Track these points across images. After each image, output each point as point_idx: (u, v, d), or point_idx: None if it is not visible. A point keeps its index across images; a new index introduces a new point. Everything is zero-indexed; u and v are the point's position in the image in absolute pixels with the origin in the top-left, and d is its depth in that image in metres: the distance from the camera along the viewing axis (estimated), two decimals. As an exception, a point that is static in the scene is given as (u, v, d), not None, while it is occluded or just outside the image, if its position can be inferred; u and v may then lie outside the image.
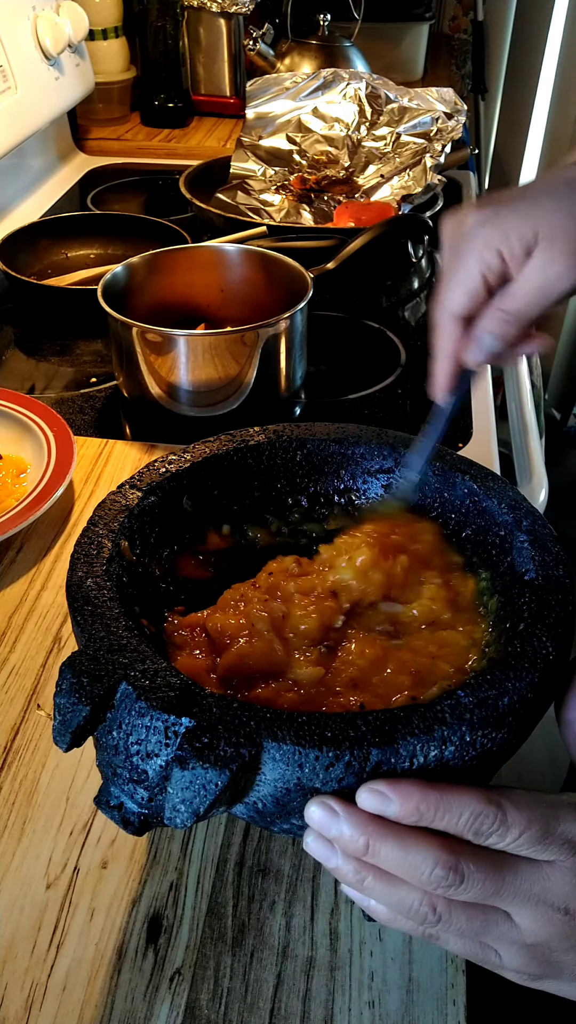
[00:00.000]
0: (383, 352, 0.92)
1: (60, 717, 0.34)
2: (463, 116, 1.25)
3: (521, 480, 0.83)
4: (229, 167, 1.24)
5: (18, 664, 0.57)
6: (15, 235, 1.05)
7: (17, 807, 0.49)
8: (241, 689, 0.43)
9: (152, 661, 0.37)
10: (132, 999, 0.41)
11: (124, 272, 0.81)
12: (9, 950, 0.43)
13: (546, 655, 0.38)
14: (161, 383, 0.75)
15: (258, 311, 0.80)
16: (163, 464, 0.50)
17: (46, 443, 0.71)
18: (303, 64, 1.53)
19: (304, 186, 1.24)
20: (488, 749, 0.35)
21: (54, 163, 1.38)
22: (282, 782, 0.34)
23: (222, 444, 0.52)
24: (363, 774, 0.33)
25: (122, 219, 1.13)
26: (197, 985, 0.41)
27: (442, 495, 0.52)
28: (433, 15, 1.82)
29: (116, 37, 1.47)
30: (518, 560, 0.45)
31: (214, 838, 0.47)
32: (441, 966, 0.42)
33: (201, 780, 0.31)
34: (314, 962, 0.42)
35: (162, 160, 1.46)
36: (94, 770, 0.50)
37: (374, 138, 1.30)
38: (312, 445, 0.54)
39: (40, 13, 1.17)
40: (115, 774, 0.34)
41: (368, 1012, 0.40)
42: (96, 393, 0.86)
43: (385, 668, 0.44)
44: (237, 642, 0.44)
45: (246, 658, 0.43)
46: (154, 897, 0.45)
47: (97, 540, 0.44)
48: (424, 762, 0.34)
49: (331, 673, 0.44)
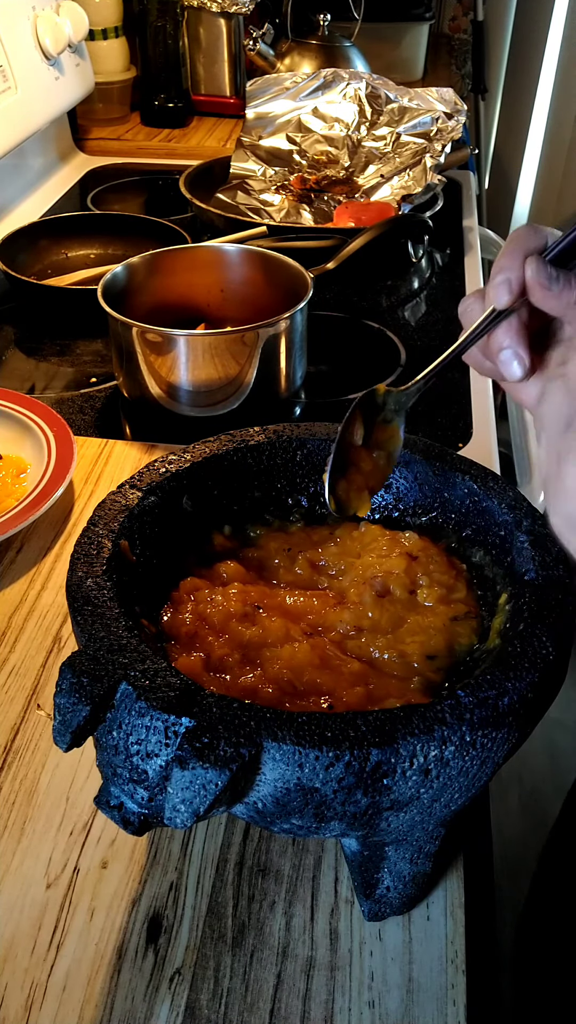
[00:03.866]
0: (383, 352, 0.92)
1: (60, 717, 0.34)
2: (463, 116, 1.25)
3: (521, 480, 0.83)
4: (229, 167, 1.24)
5: (18, 664, 0.57)
6: (15, 235, 1.05)
7: (17, 807, 0.49)
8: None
9: (152, 661, 0.37)
10: (132, 999, 0.41)
11: (124, 272, 0.81)
12: (9, 950, 0.43)
13: (546, 655, 0.38)
14: (161, 383, 0.75)
15: (258, 311, 0.81)
16: (163, 464, 0.50)
17: (46, 443, 0.71)
18: (303, 64, 1.53)
19: (304, 186, 1.24)
20: (488, 749, 0.35)
21: (54, 163, 1.38)
22: (282, 782, 0.34)
23: (222, 444, 0.52)
24: (363, 774, 0.33)
25: (122, 219, 1.13)
26: (197, 985, 0.41)
27: (442, 495, 0.52)
28: (433, 15, 1.82)
29: (116, 37, 1.47)
30: (518, 560, 0.45)
31: (214, 838, 0.47)
32: (441, 966, 0.42)
33: (201, 780, 0.31)
34: (314, 962, 0.42)
35: (162, 160, 1.46)
36: (94, 770, 0.50)
37: (374, 138, 1.30)
38: (312, 445, 0.54)
39: (40, 13, 1.17)
40: (115, 774, 0.34)
41: (368, 1012, 0.40)
42: (96, 393, 0.86)
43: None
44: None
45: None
46: (154, 897, 0.45)
47: (97, 540, 0.44)
48: (424, 762, 0.34)
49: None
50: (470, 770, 0.35)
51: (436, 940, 0.43)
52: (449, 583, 0.48)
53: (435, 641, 0.45)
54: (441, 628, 0.46)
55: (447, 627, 0.46)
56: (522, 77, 2.28)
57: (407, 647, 0.45)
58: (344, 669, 0.43)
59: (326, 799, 0.34)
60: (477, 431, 0.79)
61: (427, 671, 0.44)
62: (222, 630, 0.45)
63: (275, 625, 0.45)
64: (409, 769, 0.34)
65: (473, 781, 0.36)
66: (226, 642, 0.45)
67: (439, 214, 1.15)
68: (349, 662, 0.44)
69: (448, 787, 0.35)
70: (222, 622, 0.46)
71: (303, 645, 0.44)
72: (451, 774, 0.35)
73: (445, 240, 1.17)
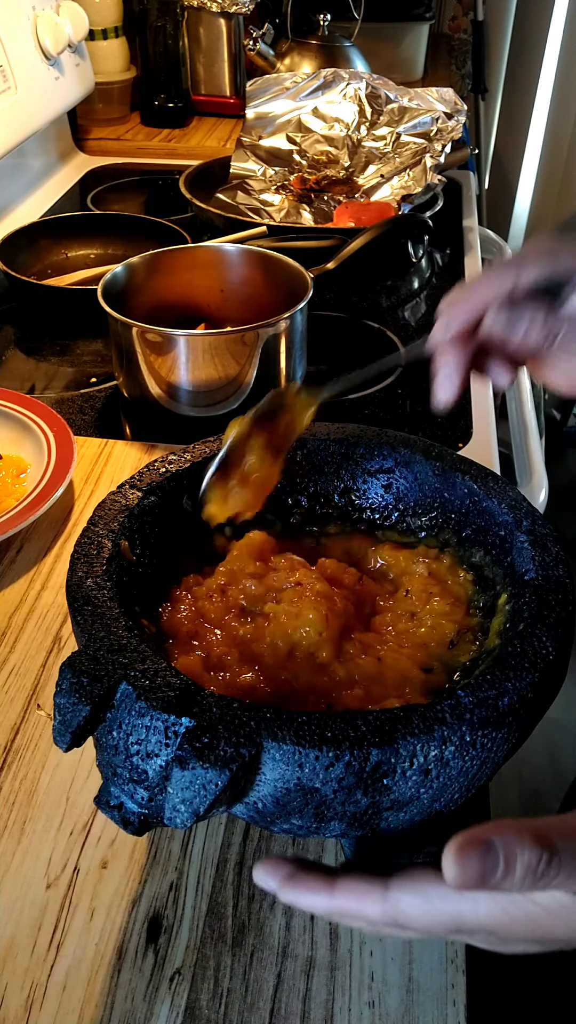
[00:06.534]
0: (383, 352, 0.92)
1: (60, 717, 0.34)
2: (463, 116, 1.25)
3: (521, 480, 0.83)
4: (229, 167, 1.24)
5: (18, 664, 0.57)
6: (15, 235, 1.04)
7: (17, 807, 0.49)
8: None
9: (152, 661, 0.37)
10: (132, 999, 0.41)
11: (124, 272, 0.81)
12: (9, 950, 0.43)
13: (546, 655, 0.38)
14: (161, 383, 0.75)
15: (258, 311, 0.80)
16: (163, 464, 0.50)
17: (46, 443, 0.71)
18: (303, 64, 1.53)
19: (304, 186, 1.24)
20: (488, 749, 0.35)
21: (54, 163, 1.38)
22: (282, 782, 0.34)
23: (222, 444, 0.52)
24: (363, 774, 0.33)
25: (122, 219, 1.13)
26: (197, 985, 0.41)
27: (442, 495, 0.52)
28: (433, 15, 1.82)
29: (116, 37, 1.47)
30: (518, 560, 0.45)
31: (214, 838, 0.47)
32: (441, 966, 0.42)
33: (201, 780, 0.31)
34: (314, 962, 0.42)
35: (162, 160, 1.46)
36: (94, 770, 0.50)
37: (374, 138, 1.30)
38: (312, 445, 0.54)
39: (40, 13, 1.17)
40: (115, 774, 0.34)
41: (368, 1012, 0.40)
42: (96, 393, 0.86)
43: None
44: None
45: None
46: (154, 897, 0.45)
47: (97, 540, 0.44)
48: (424, 762, 0.34)
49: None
50: (470, 770, 0.35)
51: (436, 940, 0.43)
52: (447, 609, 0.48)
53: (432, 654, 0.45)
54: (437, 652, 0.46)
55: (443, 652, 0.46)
56: (522, 77, 2.28)
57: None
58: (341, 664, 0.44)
59: (326, 799, 0.34)
60: (477, 431, 0.79)
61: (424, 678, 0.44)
62: (219, 626, 0.45)
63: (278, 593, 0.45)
64: (409, 769, 0.34)
65: (473, 781, 0.36)
66: (224, 639, 0.45)
67: (439, 214, 1.14)
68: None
69: (448, 787, 0.35)
70: (219, 617, 0.46)
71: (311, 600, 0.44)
72: (451, 774, 0.35)
73: (445, 240, 1.17)
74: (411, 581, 0.50)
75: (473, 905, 0.31)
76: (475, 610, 0.48)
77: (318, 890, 0.34)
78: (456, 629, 0.46)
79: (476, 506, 0.49)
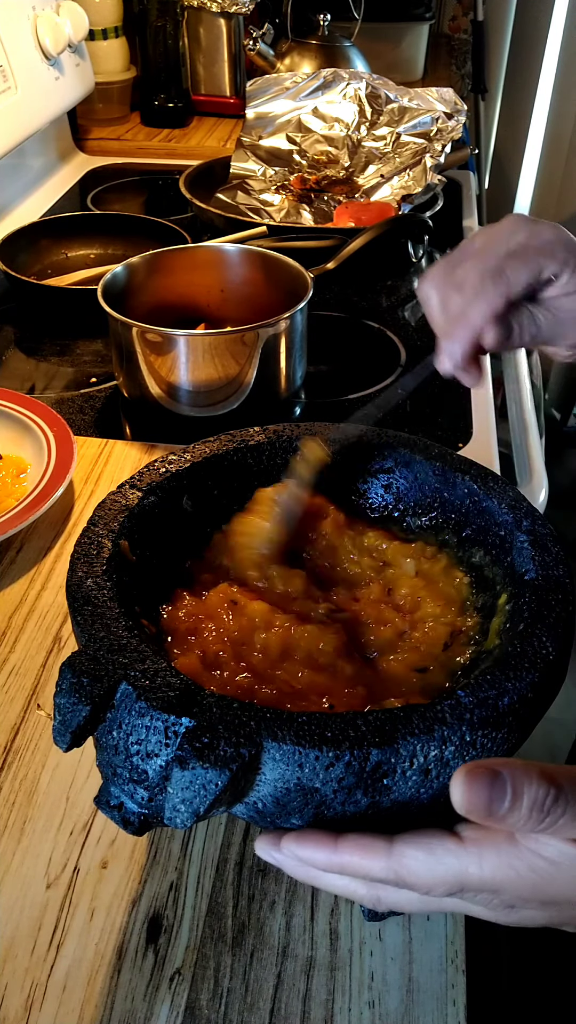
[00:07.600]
0: (383, 352, 0.92)
1: (60, 717, 0.34)
2: (463, 116, 1.25)
3: (521, 480, 0.83)
4: (229, 167, 1.24)
5: (18, 664, 0.57)
6: (15, 235, 1.05)
7: (17, 807, 0.49)
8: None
9: (152, 661, 0.37)
10: (132, 999, 0.41)
11: (124, 272, 0.81)
12: (9, 950, 0.43)
13: (546, 655, 0.38)
14: (161, 383, 0.75)
15: (258, 311, 0.80)
16: (163, 464, 0.50)
17: (46, 443, 0.71)
18: (303, 64, 1.53)
19: (304, 186, 1.24)
20: (488, 749, 0.35)
21: (54, 163, 1.38)
22: (282, 782, 0.34)
23: (222, 444, 0.52)
24: (363, 774, 0.33)
25: (122, 219, 1.13)
26: (197, 985, 0.41)
27: (442, 495, 0.51)
28: (433, 15, 1.82)
29: (116, 37, 1.47)
30: (518, 560, 0.45)
31: (214, 838, 0.47)
32: (441, 966, 0.42)
33: (201, 780, 0.31)
34: (314, 962, 0.42)
35: (162, 160, 1.46)
36: (94, 770, 0.50)
37: (374, 138, 1.30)
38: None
39: (40, 13, 1.17)
40: (115, 774, 0.34)
41: (368, 1012, 0.40)
42: (96, 393, 0.86)
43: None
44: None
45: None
46: (154, 897, 0.45)
47: (97, 540, 0.44)
48: (424, 762, 0.34)
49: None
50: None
51: (436, 940, 0.43)
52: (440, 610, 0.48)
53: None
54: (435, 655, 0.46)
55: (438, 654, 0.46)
56: (522, 77, 2.28)
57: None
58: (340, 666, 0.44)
59: (326, 799, 0.34)
60: (477, 431, 0.79)
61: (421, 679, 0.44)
62: (216, 623, 0.45)
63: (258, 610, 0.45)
64: (409, 769, 0.34)
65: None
66: (218, 637, 0.45)
67: (439, 214, 1.15)
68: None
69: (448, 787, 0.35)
70: (216, 617, 0.46)
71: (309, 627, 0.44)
72: (451, 774, 0.35)
73: (445, 240, 1.17)
74: (399, 579, 0.50)
75: (478, 860, 0.32)
76: (472, 611, 0.48)
77: (322, 844, 0.34)
78: (449, 631, 0.46)
79: (476, 506, 0.49)
